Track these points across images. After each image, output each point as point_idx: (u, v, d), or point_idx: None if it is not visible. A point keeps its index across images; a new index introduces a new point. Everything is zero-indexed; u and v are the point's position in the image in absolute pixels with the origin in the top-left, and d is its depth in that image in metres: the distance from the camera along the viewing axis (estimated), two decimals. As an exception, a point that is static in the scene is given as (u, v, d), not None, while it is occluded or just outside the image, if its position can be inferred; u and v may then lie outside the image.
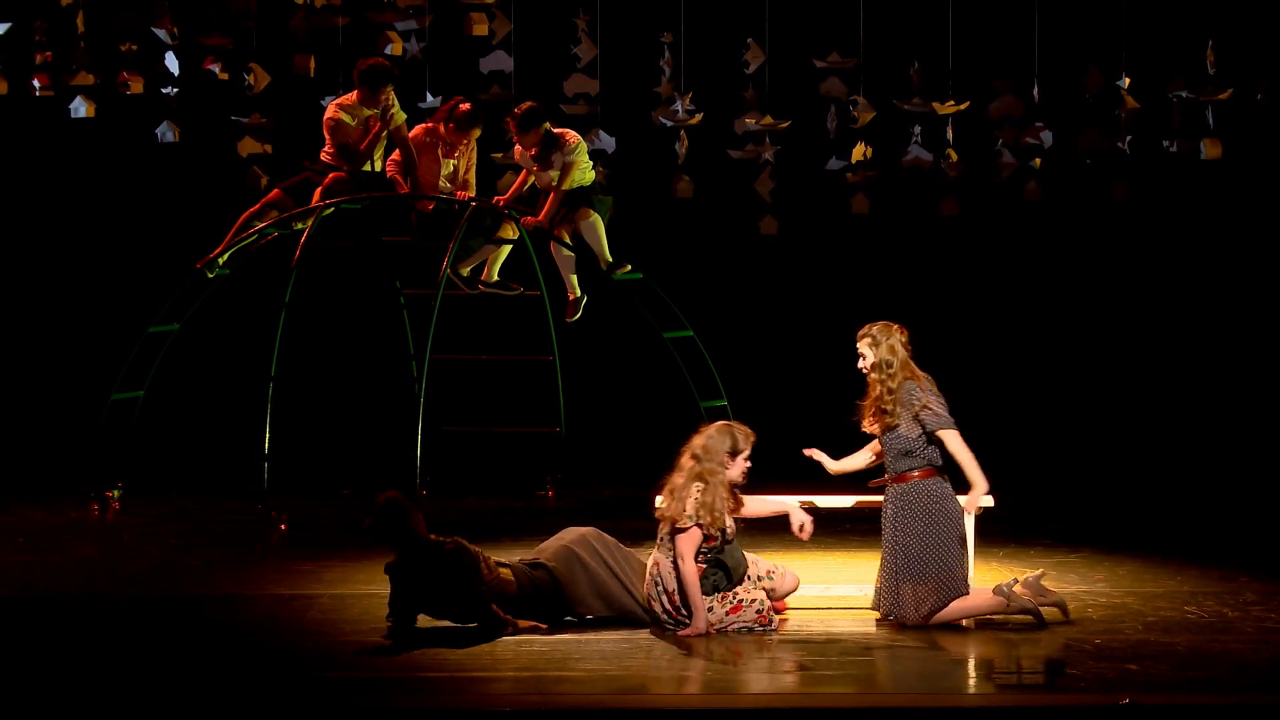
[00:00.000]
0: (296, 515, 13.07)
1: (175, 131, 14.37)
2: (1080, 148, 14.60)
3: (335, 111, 13.32)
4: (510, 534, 12.80)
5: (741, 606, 9.68)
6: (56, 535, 12.60)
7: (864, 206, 14.69)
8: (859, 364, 9.98)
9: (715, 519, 9.62)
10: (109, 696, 8.18)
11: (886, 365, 9.90)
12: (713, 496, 9.64)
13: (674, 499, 9.70)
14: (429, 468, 13.04)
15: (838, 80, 14.41)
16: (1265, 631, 9.47)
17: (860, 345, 9.99)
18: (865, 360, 9.96)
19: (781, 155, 14.62)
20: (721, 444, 9.77)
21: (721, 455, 9.75)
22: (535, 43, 14.74)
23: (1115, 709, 7.90)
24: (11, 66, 14.17)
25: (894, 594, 9.76)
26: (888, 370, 9.87)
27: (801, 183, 15.22)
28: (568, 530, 10.05)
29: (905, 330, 10.01)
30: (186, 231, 14.81)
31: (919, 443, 9.79)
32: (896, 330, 9.97)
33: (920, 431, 9.79)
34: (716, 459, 9.72)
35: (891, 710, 8.12)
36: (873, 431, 9.98)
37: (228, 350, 15.52)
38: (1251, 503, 14.24)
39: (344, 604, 10.13)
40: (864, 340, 9.99)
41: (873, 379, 9.94)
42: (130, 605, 10.25)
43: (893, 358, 9.88)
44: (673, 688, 8.65)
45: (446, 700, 8.23)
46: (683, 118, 14.42)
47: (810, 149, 14.87)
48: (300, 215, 13.39)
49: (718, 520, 9.63)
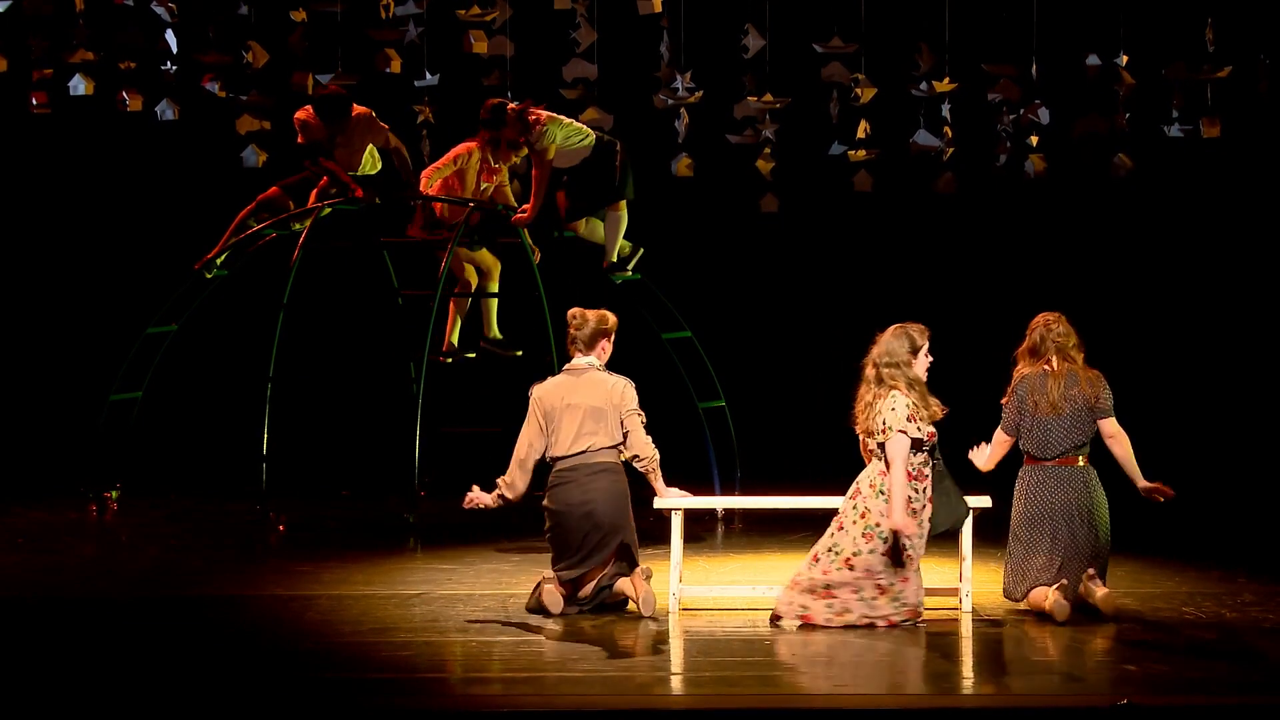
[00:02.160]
0: (295, 516, 13.08)
1: (175, 110, 14.33)
2: (1077, 132, 14.61)
3: (305, 112, 13.30)
4: (510, 534, 12.82)
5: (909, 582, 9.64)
6: (56, 536, 12.61)
7: (866, 184, 14.70)
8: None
9: (929, 413, 9.60)
10: (109, 697, 8.18)
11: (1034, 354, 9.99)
12: (915, 396, 9.61)
13: (869, 412, 9.63)
14: (428, 468, 13.04)
15: (839, 65, 14.41)
16: (1264, 632, 9.48)
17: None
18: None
19: (782, 134, 14.62)
20: (900, 345, 9.69)
21: (903, 356, 9.67)
22: (534, 29, 14.72)
23: (1114, 709, 7.90)
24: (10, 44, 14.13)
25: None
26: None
27: (802, 162, 15.22)
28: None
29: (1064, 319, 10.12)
30: (186, 232, 14.82)
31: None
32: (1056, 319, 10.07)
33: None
34: (900, 359, 9.67)
35: (892, 710, 8.12)
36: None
37: (226, 351, 15.53)
38: (1250, 503, 14.25)
39: (342, 604, 10.13)
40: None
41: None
42: (130, 606, 10.25)
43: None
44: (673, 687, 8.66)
45: (446, 700, 8.23)
46: (683, 95, 14.41)
47: (811, 132, 14.87)
48: (299, 216, 13.41)
49: (934, 412, 9.61)
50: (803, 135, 15.03)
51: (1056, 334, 9.98)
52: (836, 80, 14.44)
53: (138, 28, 14.10)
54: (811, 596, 9.62)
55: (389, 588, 10.63)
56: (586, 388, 10.00)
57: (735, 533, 12.95)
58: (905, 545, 9.54)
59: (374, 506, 13.95)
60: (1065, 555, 9.85)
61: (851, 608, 9.58)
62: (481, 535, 12.75)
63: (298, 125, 13.30)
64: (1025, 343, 10.07)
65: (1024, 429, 9.96)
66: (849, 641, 9.35)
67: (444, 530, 12.84)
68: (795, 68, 14.71)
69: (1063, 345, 9.98)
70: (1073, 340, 10.03)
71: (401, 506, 12.91)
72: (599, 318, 10.12)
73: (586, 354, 10.07)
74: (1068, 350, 10.00)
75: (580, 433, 9.97)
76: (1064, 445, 9.92)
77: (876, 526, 9.58)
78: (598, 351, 10.09)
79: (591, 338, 10.08)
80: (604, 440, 9.97)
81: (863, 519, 9.60)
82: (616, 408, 9.96)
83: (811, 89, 14.63)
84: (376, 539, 12.53)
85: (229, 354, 15.46)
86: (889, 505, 9.52)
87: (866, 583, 9.58)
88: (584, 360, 10.06)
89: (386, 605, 10.09)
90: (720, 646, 9.23)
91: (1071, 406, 9.93)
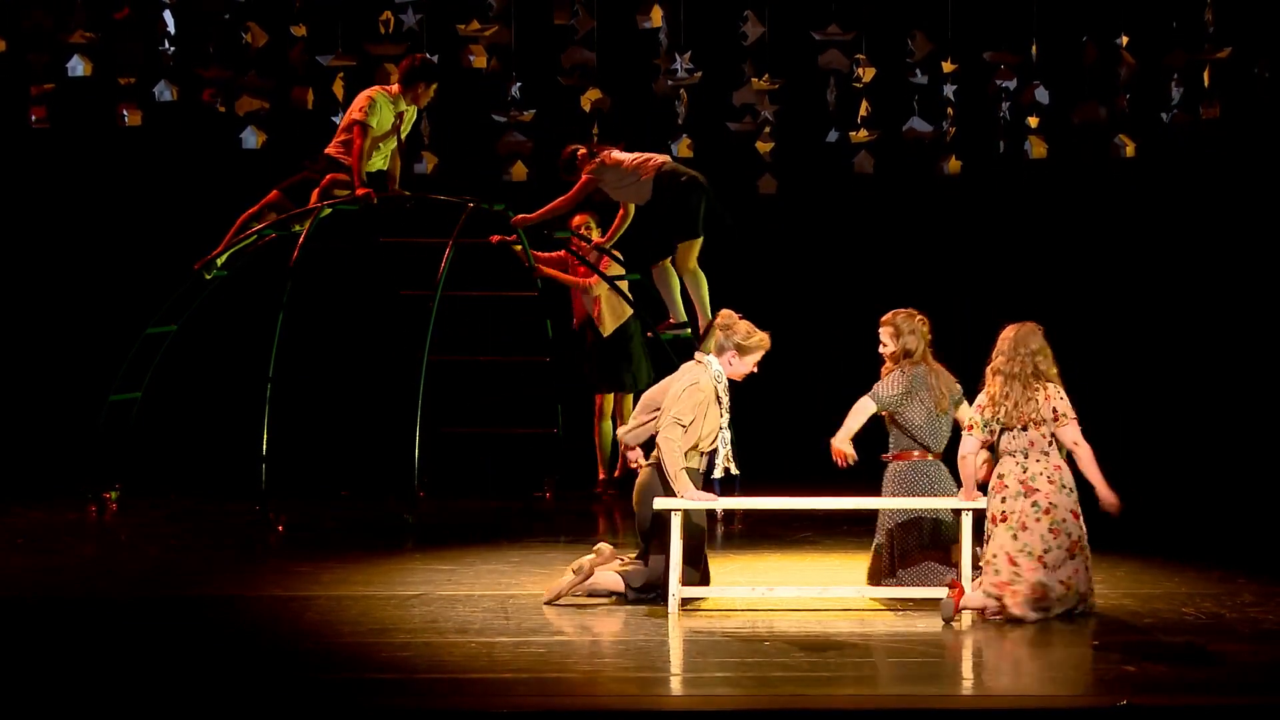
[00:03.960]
0: (295, 516, 13.08)
1: (173, 91, 14.29)
2: (1076, 119, 14.60)
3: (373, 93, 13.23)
4: (509, 535, 12.82)
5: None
6: (56, 536, 12.60)
7: (868, 166, 14.70)
8: (880, 349, 10.14)
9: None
10: (109, 697, 8.18)
11: (907, 355, 10.06)
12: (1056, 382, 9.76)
13: (1027, 405, 9.67)
14: (427, 469, 13.04)
15: (837, 52, 14.40)
16: (1263, 633, 9.48)
17: (882, 332, 10.15)
18: (886, 348, 10.13)
19: (780, 123, 14.60)
20: (1035, 340, 9.78)
21: (1043, 348, 9.78)
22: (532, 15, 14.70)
23: (1113, 710, 7.90)
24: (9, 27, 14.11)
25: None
26: (908, 360, 10.05)
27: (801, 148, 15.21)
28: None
29: (927, 320, 10.17)
30: (186, 232, 14.81)
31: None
32: (919, 319, 10.13)
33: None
34: (1044, 352, 9.78)
35: (892, 711, 8.12)
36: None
37: (226, 351, 15.52)
38: (1250, 503, 14.25)
39: (342, 605, 10.13)
40: (885, 328, 10.16)
41: (889, 367, 10.12)
42: (129, 606, 10.25)
43: (914, 349, 10.05)
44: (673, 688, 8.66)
45: (446, 701, 8.23)
46: (682, 76, 14.39)
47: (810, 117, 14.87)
48: (299, 217, 13.40)
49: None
50: (801, 122, 15.02)
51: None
52: (834, 68, 14.43)
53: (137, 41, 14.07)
54: (1017, 598, 9.65)
55: (388, 588, 10.63)
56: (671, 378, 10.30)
57: (735, 533, 12.95)
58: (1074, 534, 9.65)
59: (373, 507, 13.95)
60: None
61: (1052, 605, 9.64)
62: (481, 535, 12.76)
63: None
64: (925, 342, 10.23)
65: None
66: (849, 642, 9.35)
67: (443, 530, 12.84)
68: (794, 55, 14.70)
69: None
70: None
71: (401, 507, 12.90)
72: (722, 326, 10.32)
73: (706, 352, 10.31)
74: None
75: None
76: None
77: (1063, 522, 9.65)
78: (718, 354, 10.30)
79: (707, 337, 10.41)
80: (651, 431, 10.27)
81: (1047, 515, 9.66)
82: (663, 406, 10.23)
83: (810, 77, 14.62)
84: (376, 539, 12.53)
85: (229, 354, 15.46)
86: (1099, 482, 9.64)
87: (1055, 575, 9.66)
88: (700, 354, 10.31)
89: (385, 606, 10.09)
90: (720, 646, 9.23)
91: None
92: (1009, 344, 9.77)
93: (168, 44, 14.20)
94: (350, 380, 15.84)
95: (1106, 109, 14.53)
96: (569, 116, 14.58)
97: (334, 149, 13.31)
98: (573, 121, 14.47)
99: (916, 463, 10.24)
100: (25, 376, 16.18)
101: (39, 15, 13.99)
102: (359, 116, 13.09)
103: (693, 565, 10.11)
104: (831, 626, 9.73)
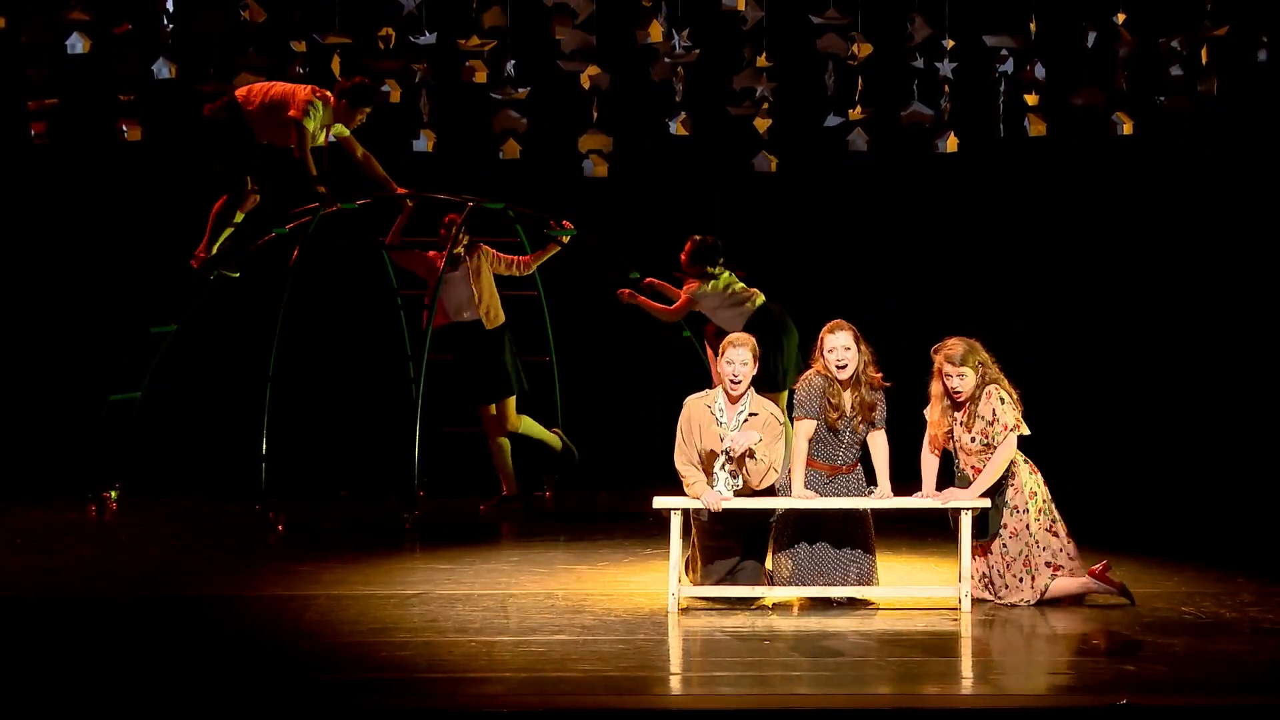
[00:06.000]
0: (295, 516, 13.08)
1: (172, 69, 14.25)
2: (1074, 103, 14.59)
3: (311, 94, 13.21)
4: (509, 535, 12.82)
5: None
6: (56, 536, 12.61)
7: (860, 143, 14.68)
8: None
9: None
10: (109, 697, 8.18)
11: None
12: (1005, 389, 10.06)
13: (981, 419, 10.03)
14: (427, 469, 13.04)
15: (835, 37, 14.39)
16: (1262, 632, 9.48)
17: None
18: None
19: (778, 111, 14.59)
20: (976, 349, 10.03)
21: (983, 354, 10.04)
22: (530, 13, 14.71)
23: (1113, 710, 7.90)
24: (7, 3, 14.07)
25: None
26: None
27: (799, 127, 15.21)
28: None
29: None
30: (186, 232, 14.80)
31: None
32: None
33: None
34: (985, 356, 10.04)
35: (892, 711, 8.13)
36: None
37: (226, 351, 15.53)
38: (1249, 503, 14.25)
39: (341, 605, 10.13)
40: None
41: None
42: (130, 606, 10.26)
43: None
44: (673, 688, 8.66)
45: (446, 701, 8.24)
46: (679, 54, 14.37)
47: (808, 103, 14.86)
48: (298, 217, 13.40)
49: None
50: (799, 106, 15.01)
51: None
52: (832, 51, 14.42)
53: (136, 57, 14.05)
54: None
55: (388, 588, 10.63)
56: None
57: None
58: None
59: (373, 506, 13.95)
60: None
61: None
62: (481, 535, 12.76)
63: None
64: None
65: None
66: (849, 641, 9.36)
67: (443, 530, 12.85)
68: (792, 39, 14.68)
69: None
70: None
71: (400, 506, 12.91)
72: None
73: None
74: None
75: None
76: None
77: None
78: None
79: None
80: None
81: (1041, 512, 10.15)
82: None
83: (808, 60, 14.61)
84: (375, 539, 12.53)
85: (229, 354, 15.46)
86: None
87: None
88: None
89: (385, 605, 10.09)
90: (720, 646, 9.23)
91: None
92: (982, 351, 10.06)
93: (166, 20, 14.13)
94: (350, 380, 15.85)
95: (1105, 95, 14.52)
96: (565, 95, 14.52)
97: (252, 97, 13.21)
98: (569, 100, 14.40)
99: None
100: (26, 376, 16.19)
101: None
102: (297, 115, 13.04)
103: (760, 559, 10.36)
104: (831, 626, 9.73)
